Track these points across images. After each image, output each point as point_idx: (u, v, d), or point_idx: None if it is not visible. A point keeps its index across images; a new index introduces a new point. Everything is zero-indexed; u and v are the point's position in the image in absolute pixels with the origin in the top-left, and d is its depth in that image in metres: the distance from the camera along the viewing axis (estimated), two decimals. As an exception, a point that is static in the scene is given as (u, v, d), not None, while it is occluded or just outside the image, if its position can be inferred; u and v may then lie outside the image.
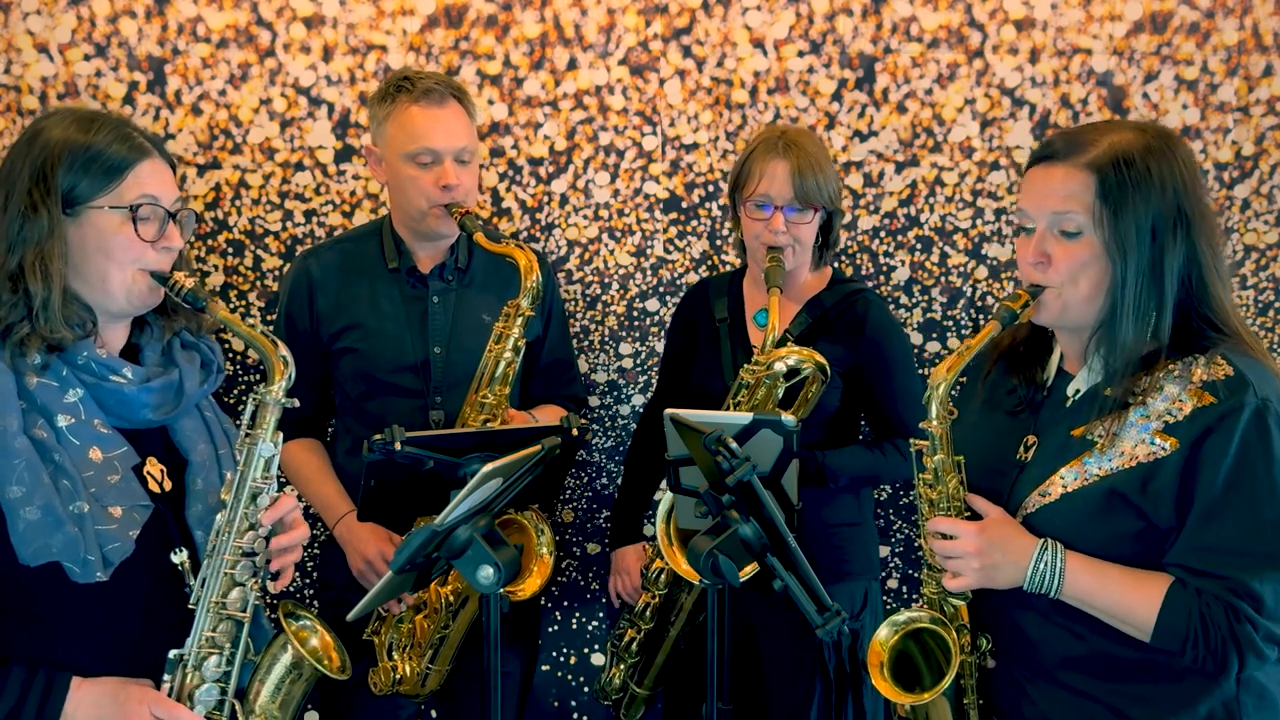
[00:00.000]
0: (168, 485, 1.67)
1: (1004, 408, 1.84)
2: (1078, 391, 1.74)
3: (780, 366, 2.23)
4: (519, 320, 2.27)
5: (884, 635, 1.78)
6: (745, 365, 2.28)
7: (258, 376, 2.78)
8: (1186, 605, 1.58)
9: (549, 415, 2.43)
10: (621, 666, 2.45)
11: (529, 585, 2.27)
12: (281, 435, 1.65)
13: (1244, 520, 1.56)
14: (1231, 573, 1.56)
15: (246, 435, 1.62)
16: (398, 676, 2.31)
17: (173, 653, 1.57)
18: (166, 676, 1.57)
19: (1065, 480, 1.67)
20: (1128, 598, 1.62)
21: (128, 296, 1.62)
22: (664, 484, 2.39)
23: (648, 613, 2.39)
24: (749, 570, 1.83)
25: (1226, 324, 1.64)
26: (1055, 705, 1.72)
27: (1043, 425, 1.77)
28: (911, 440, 1.79)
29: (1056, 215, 1.64)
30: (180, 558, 1.60)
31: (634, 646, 2.42)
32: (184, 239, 1.67)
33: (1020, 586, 1.67)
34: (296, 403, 1.65)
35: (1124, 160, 1.60)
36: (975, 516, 1.76)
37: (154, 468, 1.66)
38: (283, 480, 2.42)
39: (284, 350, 1.64)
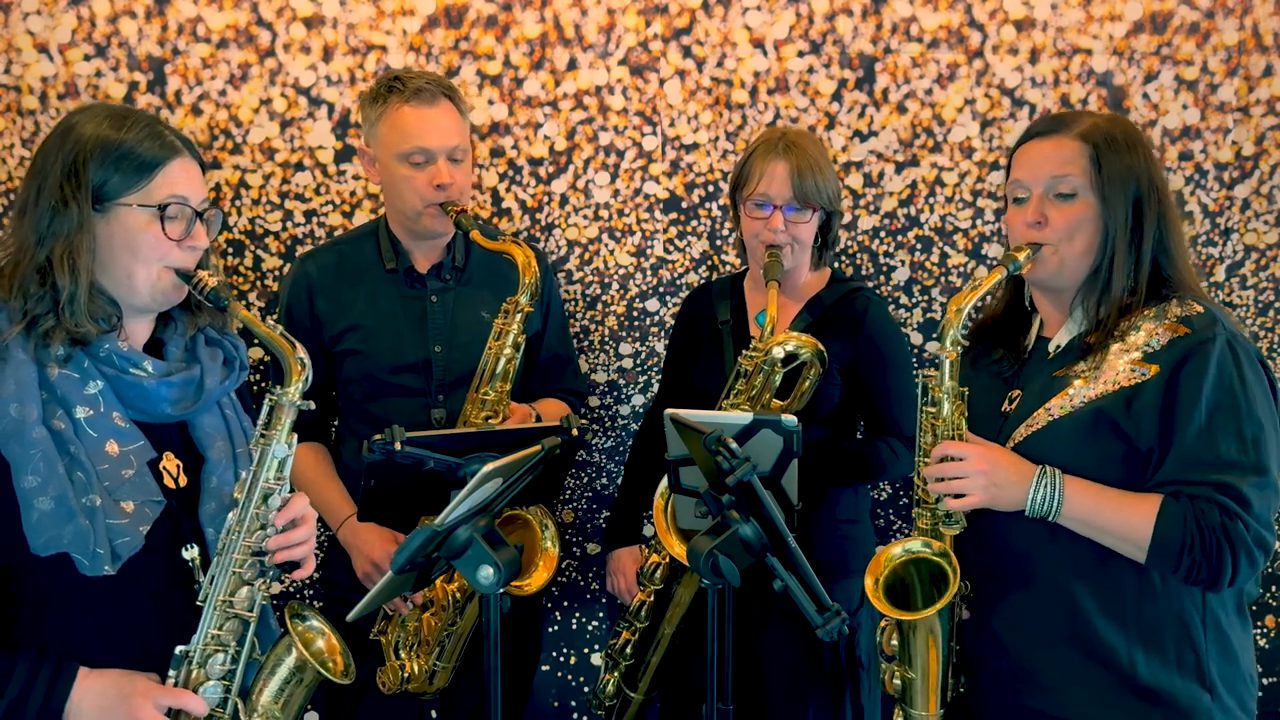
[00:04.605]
0: (183, 481, 1.67)
1: (989, 372, 1.96)
2: (1059, 346, 1.86)
3: (778, 352, 2.24)
4: (518, 317, 2.28)
5: (895, 553, 1.85)
6: (744, 352, 2.28)
7: (258, 376, 2.78)
8: (1180, 512, 1.68)
9: (550, 409, 2.44)
10: (616, 672, 2.45)
11: (535, 580, 2.29)
12: (296, 437, 1.65)
13: (1228, 434, 1.68)
14: (1221, 477, 1.68)
15: (261, 436, 1.63)
16: (405, 675, 2.31)
17: (178, 649, 1.58)
18: (171, 672, 1.57)
19: (1051, 410, 1.78)
20: (1124, 513, 1.71)
21: (152, 293, 1.63)
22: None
23: (642, 611, 2.39)
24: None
25: (1187, 281, 1.81)
26: (1029, 652, 1.81)
27: (1027, 380, 1.88)
28: (921, 372, 1.87)
29: (1054, 179, 1.80)
30: (191, 554, 1.61)
31: (628, 650, 2.41)
32: (210, 238, 1.69)
33: (1020, 511, 1.76)
34: (312, 405, 1.65)
35: (1108, 134, 1.80)
36: None
37: (170, 463, 1.66)
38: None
39: (301, 352, 1.64)
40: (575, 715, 2.97)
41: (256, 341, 1.96)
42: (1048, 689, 1.79)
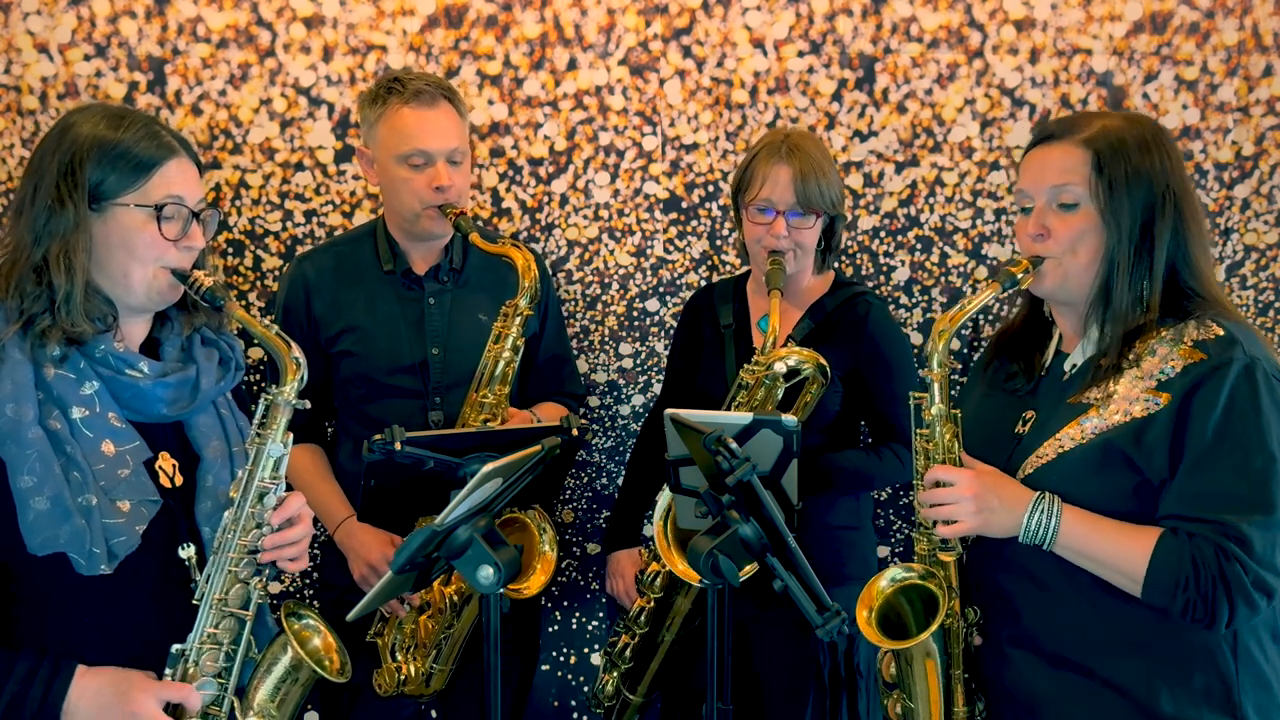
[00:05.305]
0: (179, 480, 1.68)
1: (1005, 389, 1.89)
2: (1074, 365, 1.79)
3: (780, 366, 2.23)
4: (517, 320, 2.28)
5: (883, 585, 1.81)
6: (745, 365, 2.27)
7: (257, 376, 2.78)
8: (1177, 549, 1.61)
9: (549, 413, 2.44)
10: (614, 674, 2.44)
11: (533, 583, 2.29)
12: (291, 436, 1.66)
13: (1233, 468, 1.60)
14: (1221, 516, 1.59)
15: (257, 435, 1.63)
16: (402, 677, 2.31)
17: (174, 647, 1.59)
18: (168, 670, 1.58)
19: (1062, 441, 1.71)
20: (1120, 546, 1.64)
21: (148, 292, 1.64)
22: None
23: (642, 618, 2.38)
24: (747, 570, 1.83)
25: (1210, 294, 1.71)
26: (1046, 681, 1.74)
27: (1041, 400, 1.81)
28: (911, 394, 1.82)
29: (1055, 189, 1.71)
30: (187, 553, 1.62)
31: (628, 653, 2.41)
32: (206, 238, 1.70)
33: (1015, 538, 1.71)
34: (308, 404, 1.66)
35: (1116, 138, 1.70)
36: None
37: (166, 462, 1.67)
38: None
39: (297, 351, 1.65)
40: (575, 715, 2.97)
41: (255, 341, 1.96)
42: (1063, 718, 1.73)
